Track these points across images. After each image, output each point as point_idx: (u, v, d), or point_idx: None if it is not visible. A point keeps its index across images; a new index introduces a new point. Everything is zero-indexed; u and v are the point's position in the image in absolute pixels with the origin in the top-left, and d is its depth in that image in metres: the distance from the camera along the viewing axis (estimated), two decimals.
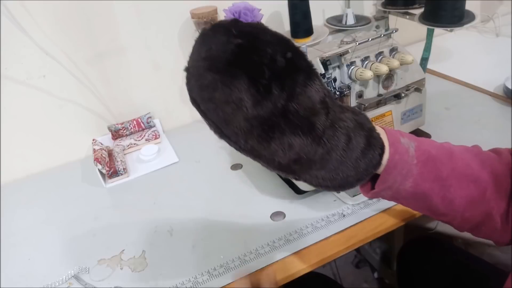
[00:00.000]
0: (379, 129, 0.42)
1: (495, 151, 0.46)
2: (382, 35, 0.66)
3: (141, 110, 0.94)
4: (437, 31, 0.86)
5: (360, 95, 0.68)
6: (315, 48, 0.70)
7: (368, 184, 0.45)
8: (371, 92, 0.69)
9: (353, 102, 0.68)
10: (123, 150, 0.89)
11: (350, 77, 0.66)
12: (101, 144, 0.88)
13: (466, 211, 0.42)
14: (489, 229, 0.44)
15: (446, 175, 0.42)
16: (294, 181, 0.66)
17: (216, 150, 0.86)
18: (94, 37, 0.84)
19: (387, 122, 0.70)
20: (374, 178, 0.43)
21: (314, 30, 0.88)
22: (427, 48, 0.84)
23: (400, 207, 0.65)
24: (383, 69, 0.63)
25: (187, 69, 0.36)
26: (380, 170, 0.41)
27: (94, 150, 0.84)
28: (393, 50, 0.69)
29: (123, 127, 0.91)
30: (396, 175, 0.41)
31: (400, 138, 0.42)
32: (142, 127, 0.93)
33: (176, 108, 0.99)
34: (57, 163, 0.91)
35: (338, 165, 0.37)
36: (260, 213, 0.68)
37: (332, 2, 1.03)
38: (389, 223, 0.63)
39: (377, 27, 0.97)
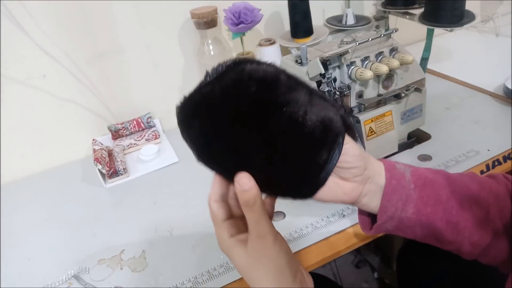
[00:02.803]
0: (374, 159, 0.42)
1: (490, 175, 0.47)
2: (382, 35, 0.66)
3: (141, 110, 0.94)
4: (437, 31, 0.86)
5: (360, 95, 0.68)
6: (315, 48, 0.70)
7: (368, 220, 0.45)
8: (371, 92, 0.69)
9: (353, 102, 0.68)
10: (123, 150, 0.89)
11: (350, 77, 0.66)
12: (101, 144, 0.88)
13: (473, 235, 0.42)
14: (496, 251, 0.43)
15: (446, 198, 0.42)
16: None
17: None
18: (94, 37, 0.84)
19: (387, 122, 0.70)
20: (375, 215, 0.43)
21: (314, 30, 0.88)
22: (427, 48, 0.84)
23: None
24: (383, 69, 0.63)
25: None
26: (378, 202, 0.41)
27: (94, 150, 0.84)
28: (393, 50, 0.69)
29: (123, 127, 0.91)
30: (396, 202, 0.41)
31: (395, 164, 0.42)
32: (142, 127, 0.93)
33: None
34: (57, 163, 0.91)
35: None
36: None
37: (332, 2, 1.03)
38: None
39: (377, 27, 0.97)
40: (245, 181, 0.34)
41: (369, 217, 0.46)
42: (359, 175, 0.41)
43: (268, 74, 0.34)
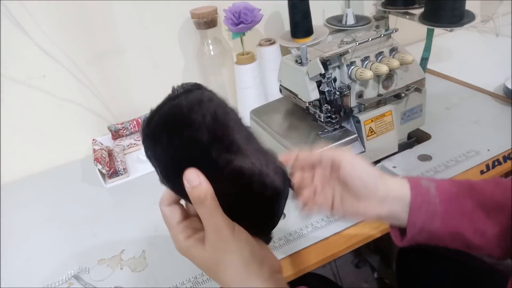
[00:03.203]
0: (391, 179, 0.44)
1: None
2: (382, 35, 0.66)
3: (141, 110, 0.94)
4: (437, 31, 0.86)
5: (360, 95, 0.68)
6: (315, 48, 0.70)
7: (398, 233, 0.46)
8: (371, 92, 0.69)
9: (353, 102, 0.68)
10: (123, 150, 0.89)
11: (350, 77, 0.66)
12: (101, 144, 0.88)
13: (501, 241, 0.43)
14: None
15: (472, 209, 0.43)
16: None
17: None
18: (94, 37, 0.84)
19: (387, 122, 0.70)
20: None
21: (314, 30, 0.88)
22: (427, 48, 0.84)
23: None
24: (383, 69, 0.63)
25: None
26: (405, 218, 0.42)
27: (94, 150, 0.84)
28: (393, 50, 0.69)
29: (123, 127, 0.91)
30: (423, 217, 0.42)
31: (420, 181, 0.44)
32: None
33: None
34: (57, 163, 0.91)
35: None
36: None
37: (332, 2, 1.03)
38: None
39: (377, 27, 0.97)
40: (193, 177, 0.34)
41: (399, 230, 0.47)
42: (371, 196, 0.43)
43: (221, 101, 0.38)
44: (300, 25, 0.85)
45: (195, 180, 0.34)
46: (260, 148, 0.39)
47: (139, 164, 0.86)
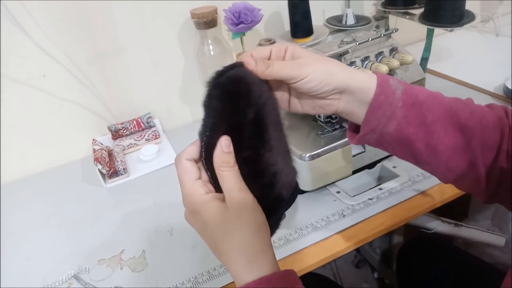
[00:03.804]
0: (369, 72, 0.43)
1: (488, 105, 0.45)
2: (382, 35, 0.66)
3: (141, 110, 0.94)
4: (437, 31, 0.86)
5: None
6: (315, 48, 0.70)
7: (353, 130, 0.46)
8: None
9: None
10: (123, 150, 0.89)
11: None
12: (101, 144, 0.88)
13: (450, 160, 0.42)
14: (472, 181, 0.43)
15: (432, 121, 0.41)
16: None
17: None
18: (94, 37, 0.84)
19: None
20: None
21: (314, 30, 0.88)
22: (427, 48, 0.84)
23: (400, 207, 0.65)
24: (383, 69, 0.63)
25: None
26: (362, 114, 0.42)
27: (94, 150, 0.84)
28: (393, 50, 0.69)
29: (123, 127, 0.91)
30: (379, 116, 0.41)
31: (389, 79, 0.42)
32: (142, 127, 0.93)
33: (176, 108, 0.99)
34: (57, 163, 0.91)
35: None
36: None
37: (332, 2, 1.03)
38: (389, 223, 0.63)
39: (377, 27, 0.97)
40: (228, 143, 0.37)
41: (355, 131, 0.46)
42: (332, 96, 0.42)
43: (274, 99, 0.42)
44: (300, 25, 0.85)
45: (229, 146, 0.37)
46: (286, 156, 0.41)
47: (139, 164, 0.86)
